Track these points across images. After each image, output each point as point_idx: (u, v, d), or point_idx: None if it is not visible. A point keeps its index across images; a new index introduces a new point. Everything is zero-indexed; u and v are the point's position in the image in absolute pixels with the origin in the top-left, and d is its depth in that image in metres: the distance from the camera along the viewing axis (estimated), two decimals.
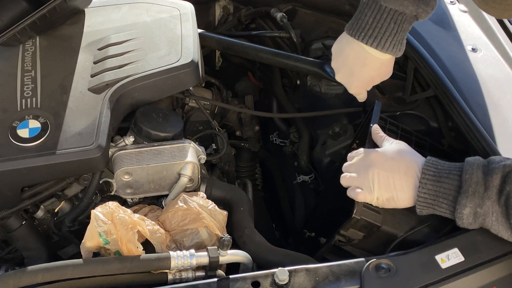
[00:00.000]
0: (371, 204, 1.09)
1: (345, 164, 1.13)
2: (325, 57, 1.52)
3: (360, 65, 1.18)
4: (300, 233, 1.54)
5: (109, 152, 1.22)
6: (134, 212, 1.14)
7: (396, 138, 1.16)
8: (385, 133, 1.18)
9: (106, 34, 1.38)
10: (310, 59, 1.55)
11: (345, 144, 1.43)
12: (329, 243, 1.18)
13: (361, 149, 1.13)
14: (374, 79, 1.23)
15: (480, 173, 0.99)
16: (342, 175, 1.12)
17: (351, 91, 1.27)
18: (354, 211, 1.07)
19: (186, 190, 1.26)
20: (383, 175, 1.05)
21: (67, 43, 1.37)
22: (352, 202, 1.10)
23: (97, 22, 1.43)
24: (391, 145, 1.11)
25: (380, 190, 1.05)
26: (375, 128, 1.17)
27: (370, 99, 1.42)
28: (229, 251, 1.08)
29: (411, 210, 1.07)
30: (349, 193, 1.09)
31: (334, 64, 1.25)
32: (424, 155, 1.09)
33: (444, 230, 1.12)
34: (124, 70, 1.27)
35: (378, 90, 1.44)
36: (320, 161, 1.50)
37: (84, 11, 1.46)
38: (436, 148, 1.28)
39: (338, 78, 1.26)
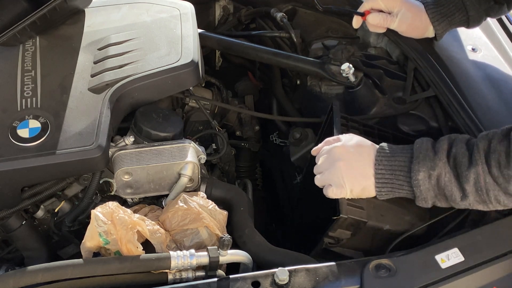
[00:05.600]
0: (353, 201, 1.10)
1: (315, 166, 1.15)
2: (325, 57, 1.52)
3: None
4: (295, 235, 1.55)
5: (109, 152, 1.22)
6: (134, 212, 1.14)
7: (359, 133, 1.19)
8: (348, 130, 1.22)
9: (106, 34, 1.38)
10: (310, 59, 1.54)
11: (308, 148, 1.45)
12: (318, 247, 1.19)
13: (324, 147, 1.15)
14: None
15: (429, 142, 1.06)
16: (315, 177, 1.14)
17: None
18: (341, 211, 1.08)
19: (186, 190, 1.26)
20: (349, 166, 1.08)
21: (67, 43, 1.37)
22: (331, 204, 1.11)
23: (97, 22, 1.43)
24: (349, 137, 1.14)
25: (351, 182, 1.07)
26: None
27: (370, 99, 1.42)
28: (229, 251, 1.08)
29: (391, 201, 1.10)
30: (324, 192, 1.11)
31: None
32: None
33: (444, 230, 1.13)
34: (124, 70, 1.27)
35: (378, 90, 1.44)
36: None
37: (84, 11, 1.46)
38: (399, 138, 1.30)
39: None
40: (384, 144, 1.10)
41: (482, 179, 0.99)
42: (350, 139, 1.13)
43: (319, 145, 1.18)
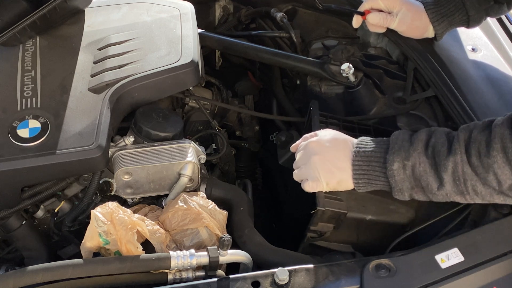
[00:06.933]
0: (332, 194, 1.11)
1: (294, 162, 1.17)
2: (325, 57, 1.52)
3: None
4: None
5: (109, 152, 1.22)
6: (134, 212, 1.14)
7: (339, 129, 1.21)
8: (327, 126, 1.23)
9: (106, 34, 1.38)
10: (310, 59, 1.54)
11: None
12: (304, 243, 1.20)
13: (302, 143, 1.17)
14: None
15: (406, 134, 1.07)
16: (293, 172, 1.16)
17: None
18: (318, 203, 1.09)
19: (186, 190, 1.26)
20: (324, 160, 1.09)
21: (67, 43, 1.37)
22: (312, 201, 1.11)
23: (97, 22, 1.43)
24: (325, 132, 1.15)
25: (326, 176, 1.09)
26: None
27: (370, 99, 1.42)
28: (229, 251, 1.08)
29: (373, 192, 1.10)
30: (302, 186, 1.12)
31: None
32: None
33: (444, 230, 1.13)
34: (124, 70, 1.27)
35: (378, 90, 1.44)
36: None
37: (84, 11, 1.46)
38: (381, 130, 1.30)
39: None
40: (363, 137, 1.12)
41: (460, 168, 0.98)
42: (326, 134, 1.14)
43: (297, 141, 1.20)
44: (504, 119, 0.98)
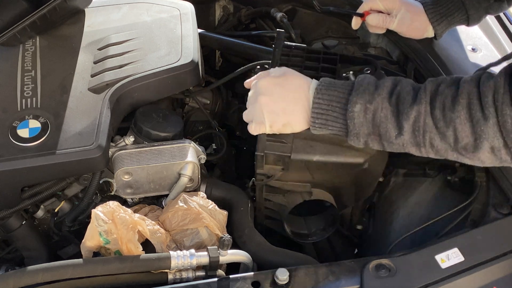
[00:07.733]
0: (276, 136, 1.07)
1: (247, 102, 1.13)
2: None
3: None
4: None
5: (109, 152, 1.22)
6: (134, 212, 1.14)
7: (302, 61, 1.15)
8: (291, 58, 1.16)
9: (106, 34, 1.38)
10: None
11: None
12: (251, 186, 1.17)
13: (253, 81, 1.11)
14: None
15: (372, 79, 1.02)
16: (244, 112, 1.11)
17: None
18: (257, 148, 1.06)
19: (186, 190, 1.26)
20: (271, 101, 1.05)
21: (67, 43, 1.37)
22: None
23: (97, 22, 1.43)
24: (277, 71, 1.10)
25: (270, 118, 1.04)
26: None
27: None
28: (229, 251, 1.08)
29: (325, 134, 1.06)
30: (248, 128, 1.09)
31: None
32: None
33: (444, 230, 1.13)
34: (124, 70, 1.27)
35: None
36: None
37: (84, 11, 1.46)
38: (347, 60, 1.24)
39: None
40: (326, 78, 1.06)
41: (422, 118, 0.96)
42: (277, 73, 1.09)
43: (252, 77, 1.14)
44: (473, 77, 0.96)
